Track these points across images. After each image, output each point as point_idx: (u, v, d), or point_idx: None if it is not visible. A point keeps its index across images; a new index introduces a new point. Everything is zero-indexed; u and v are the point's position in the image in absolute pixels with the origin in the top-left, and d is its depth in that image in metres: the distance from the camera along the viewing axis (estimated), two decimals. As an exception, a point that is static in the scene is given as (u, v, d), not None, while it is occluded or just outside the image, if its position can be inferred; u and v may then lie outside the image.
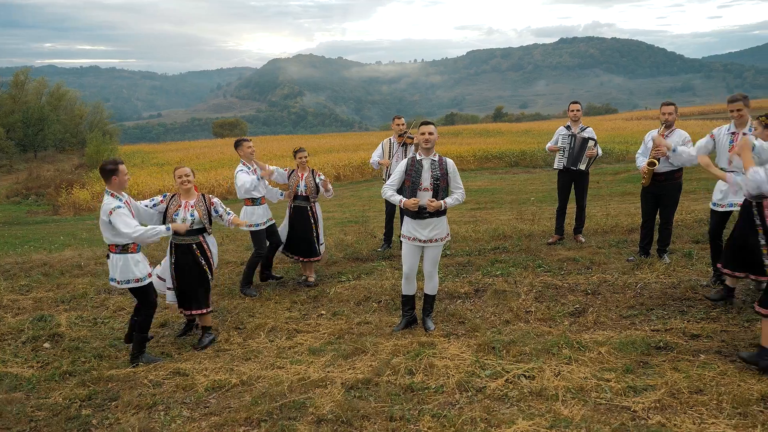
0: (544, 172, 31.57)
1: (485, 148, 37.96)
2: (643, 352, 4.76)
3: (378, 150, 8.62)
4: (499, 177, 27.91)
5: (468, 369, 4.67)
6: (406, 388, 4.45)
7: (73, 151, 55.75)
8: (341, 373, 4.83)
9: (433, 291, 5.83)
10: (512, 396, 4.19)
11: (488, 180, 26.11)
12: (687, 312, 5.62)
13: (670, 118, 6.93)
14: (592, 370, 4.52)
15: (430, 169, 5.49)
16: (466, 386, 4.40)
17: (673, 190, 7.09)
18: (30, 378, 5.18)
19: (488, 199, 17.67)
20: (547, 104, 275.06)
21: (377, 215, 14.16)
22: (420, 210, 5.49)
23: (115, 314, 6.96)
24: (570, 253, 7.83)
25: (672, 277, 6.55)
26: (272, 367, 5.11)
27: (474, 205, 16.21)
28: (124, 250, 5.38)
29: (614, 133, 41.91)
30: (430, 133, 5.48)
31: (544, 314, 5.91)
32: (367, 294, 6.91)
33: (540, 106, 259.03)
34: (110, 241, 5.41)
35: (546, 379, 4.40)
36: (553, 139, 8.32)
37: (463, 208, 14.88)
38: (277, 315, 6.53)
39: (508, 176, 28.09)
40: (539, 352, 4.90)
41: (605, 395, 4.11)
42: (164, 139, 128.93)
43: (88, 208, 29.09)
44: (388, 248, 8.78)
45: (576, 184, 8.20)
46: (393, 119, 8.56)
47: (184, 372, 5.11)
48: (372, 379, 4.62)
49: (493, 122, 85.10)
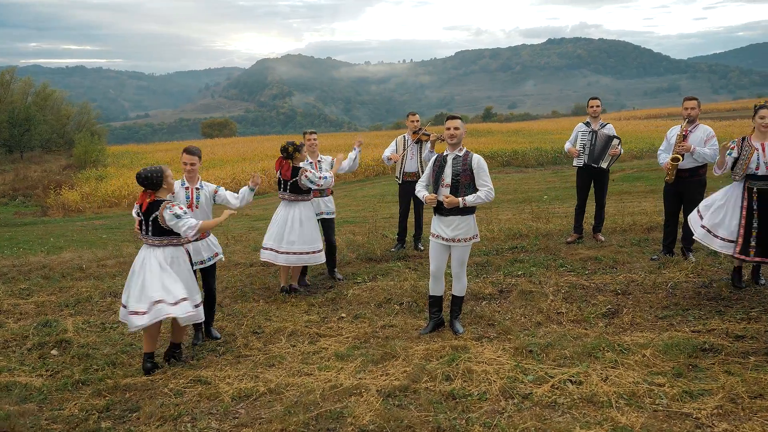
0: (537, 171, 31.53)
1: (477, 147, 37.87)
2: (690, 354, 4.56)
3: (391, 146, 8.39)
4: (493, 176, 27.61)
5: (509, 374, 4.45)
6: (446, 395, 4.21)
7: (60, 151, 54.97)
8: (374, 379, 4.59)
9: (461, 292, 5.60)
10: (562, 403, 3.97)
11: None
12: (725, 312, 5.43)
13: (693, 113, 6.77)
14: (640, 374, 4.31)
15: (452, 164, 5.27)
16: (510, 392, 4.18)
17: (697, 186, 6.92)
18: (41, 388, 4.88)
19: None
20: (536, 104, 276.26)
21: (372, 216, 13.94)
22: (440, 206, 5.30)
23: (124, 319, 6.66)
24: (591, 252, 7.63)
25: (702, 277, 6.37)
26: (299, 373, 4.85)
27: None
28: None
29: (604, 132, 41.92)
30: (455, 128, 5.25)
31: (577, 315, 5.70)
32: (388, 296, 6.67)
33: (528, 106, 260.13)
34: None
35: (594, 384, 4.18)
36: (571, 136, 8.12)
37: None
38: (295, 318, 6.27)
39: (501, 176, 27.95)
40: (580, 356, 4.69)
41: (661, 401, 3.90)
42: (152, 139, 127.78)
43: (77, 209, 28.61)
44: (402, 248, 8.54)
45: (596, 181, 8.00)
46: (408, 116, 8.33)
47: (206, 380, 4.84)
48: (409, 385, 4.38)
49: (483, 122, 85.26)
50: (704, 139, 6.76)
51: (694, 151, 6.69)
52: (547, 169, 33.48)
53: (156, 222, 5.01)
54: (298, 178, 6.71)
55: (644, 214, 9.87)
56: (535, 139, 46.16)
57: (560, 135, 49.39)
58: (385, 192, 23.80)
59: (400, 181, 8.36)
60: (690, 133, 6.81)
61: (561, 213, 11.56)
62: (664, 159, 7.04)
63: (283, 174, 6.78)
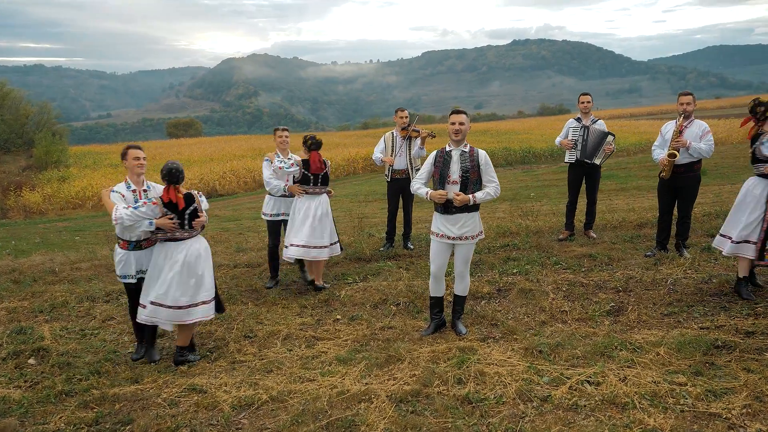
0: (507, 171, 31.64)
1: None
2: (705, 351, 4.47)
3: (380, 145, 8.17)
4: None
5: (523, 376, 4.28)
6: (462, 399, 4.02)
7: (19, 152, 53.06)
8: (382, 384, 4.37)
9: (463, 292, 5.42)
10: (584, 405, 3.82)
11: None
12: (729, 308, 5.37)
13: (688, 108, 6.72)
14: (658, 373, 4.18)
15: (459, 160, 5.07)
16: (527, 395, 4.01)
17: (693, 182, 6.89)
18: (20, 400, 4.52)
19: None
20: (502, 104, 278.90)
21: (343, 216, 13.69)
22: (447, 204, 5.08)
23: (105, 324, 6.31)
24: (584, 250, 7.55)
25: (700, 272, 6.32)
26: (301, 379, 4.60)
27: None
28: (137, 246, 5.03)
29: (571, 132, 42.38)
30: (461, 123, 5.06)
31: (581, 314, 5.58)
32: (383, 296, 6.46)
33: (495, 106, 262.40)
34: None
35: (613, 384, 4.04)
36: (562, 132, 8.03)
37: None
38: (288, 321, 6.01)
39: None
40: (592, 355, 4.56)
41: (685, 401, 3.77)
42: (114, 139, 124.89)
43: (39, 211, 27.61)
44: (391, 247, 8.34)
45: (587, 178, 7.93)
46: (396, 111, 8.12)
47: (201, 388, 4.55)
48: (421, 390, 4.18)
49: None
50: (699, 134, 6.72)
51: (690, 147, 6.64)
52: (516, 168, 33.67)
53: (194, 214, 5.04)
54: (328, 169, 6.82)
55: (633, 211, 9.85)
56: (502, 139, 46.45)
57: (527, 135, 49.90)
58: (357, 192, 23.54)
59: (389, 179, 8.15)
60: (685, 128, 6.76)
61: (546, 211, 11.50)
62: (659, 155, 6.98)
63: (315, 168, 6.73)
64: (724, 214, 8.70)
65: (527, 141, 43.24)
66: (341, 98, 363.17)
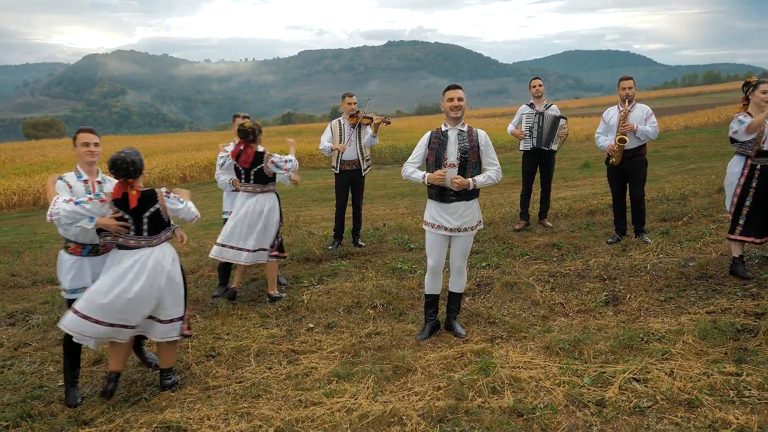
0: (395, 168, 31.69)
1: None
2: (732, 337, 4.27)
3: (326, 133, 7.46)
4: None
5: (561, 378, 3.84)
6: (509, 412, 3.49)
7: None
8: (404, 401, 3.73)
9: (460, 289, 4.90)
10: (647, 407, 3.42)
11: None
12: (721, 291, 5.29)
13: (630, 93, 6.71)
14: (700, 363, 3.91)
15: (457, 140, 4.54)
16: (579, 400, 3.56)
17: (641, 165, 6.87)
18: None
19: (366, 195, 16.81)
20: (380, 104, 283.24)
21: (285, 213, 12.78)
22: (444, 191, 4.55)
23: (18, 353, 5.11)
24: (544, 239, 7.33)
25: (672, 257, 6.26)
26: (302, 404, 3.85)
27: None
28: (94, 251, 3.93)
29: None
30: (459, 98, 4.53)
31: (579, 305, 5.26)
32: (353, 299, 5.78)
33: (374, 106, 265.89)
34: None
35: (662, 380, 3.70)
36: (515, 119, 7.77)
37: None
38: (253, 334, 5.18)
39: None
40: (620, 349, 4.21)
41: (749, 392, 3.50)
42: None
43: None
44: (340, 245, 7.65)
45: (542, 166, 7.72)
46: (344, 97, 7.45)
47: (179, 425, 3.66)
48: (457, 405, 3.59)
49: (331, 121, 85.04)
50: (644, 116, 6.70)
51: (637, 130, 6.60)
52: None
53: (155, 217, 4.11)
54: (264, 165, 5.70)
55: (580, 199, 9.85)
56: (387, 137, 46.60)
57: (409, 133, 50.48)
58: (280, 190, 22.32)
59: (337, 171, 7.46)
60: (629, 112, 6.72)
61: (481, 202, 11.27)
62: (604, 142, 6.89)
63: (242, 161, 5.70)
64: (666, 199, 8.92)
65: (411, 139, 43.66)
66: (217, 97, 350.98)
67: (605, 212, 8.43)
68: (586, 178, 14.98)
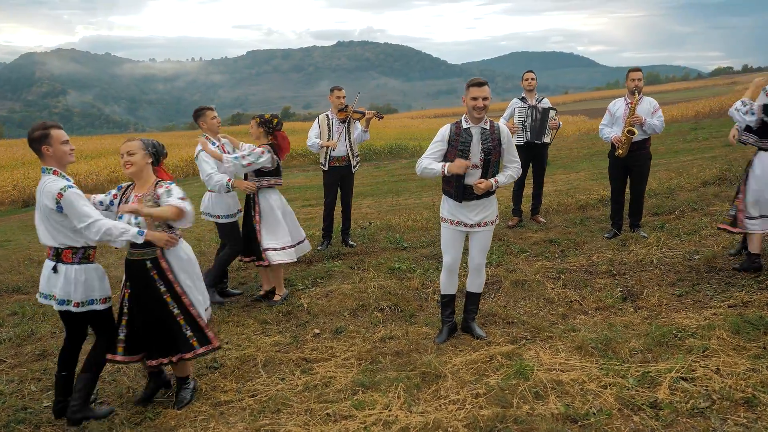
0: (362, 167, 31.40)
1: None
2: (765, 331, 4.17)
3: (314, 129, 7.11)
4: (313, 174, 26.83)
5: (606, 380, 3.64)
6: (562, 418, 3.27)
7: None
8: (443, 412, 3.46)
9: (479, 288, 4.66)
10: (706, 408, 3.26)
11: (305, 177, 24.78)
12: (734, 283, 5.22)
13: (639, 84, 6.62)
14: (743, 359, 3.78)
15: (480, 140, 4.27)
16: (631, 403, 3.37)
17: (645, 159, 6.80)
18: None
19: (315, 195, 16.25)
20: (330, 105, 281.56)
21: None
22: (466, 191, 4.30)
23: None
24: (540, 236, 7.17)
25: (675, 251, 6.19)
26: (332, 417, 3.52)
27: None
28: (85, 257, 3.43)
29: (404, 130, 43.48)
30: (484, 98, 4.22)
31: (596, 302, 5.11)
32: (357, 302, 5.48)
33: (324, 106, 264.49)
34: (62, 243, 3.40)
35: (711, 379, 3.54)
36: (506, 113, 7.58)
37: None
38: (256, 342, 4.81)
39: (318, 173, 27.08)
40: (656, 347, 4.05)
41: (804, 389, 3.38)
42: None
43: None
44: (329, 245, 7.31)
45: (535, 161, 7.57)
46: (332, 90, 7.12)
47: (196, 448, 3.29)
48: (504, 414, 3.34)
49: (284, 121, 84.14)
50: (651, 110, 6.63)
51: (644, 123, 6.53)
52: (370, 164, 33.62)
53: None
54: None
55: (568, 194, 9.75)
56: (341, 137, 46.43)
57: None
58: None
59: (326, 168, 7.12)
60: (636, 105, 6.64)
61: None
62: (609, 133, 6.80)
63: (286, 147, 5.59)
64: (654, 194, 8.90)
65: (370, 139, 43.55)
66: (162, 97, 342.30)
67: (596, 207, 8.37)
68: (563, 174, 15.01)
